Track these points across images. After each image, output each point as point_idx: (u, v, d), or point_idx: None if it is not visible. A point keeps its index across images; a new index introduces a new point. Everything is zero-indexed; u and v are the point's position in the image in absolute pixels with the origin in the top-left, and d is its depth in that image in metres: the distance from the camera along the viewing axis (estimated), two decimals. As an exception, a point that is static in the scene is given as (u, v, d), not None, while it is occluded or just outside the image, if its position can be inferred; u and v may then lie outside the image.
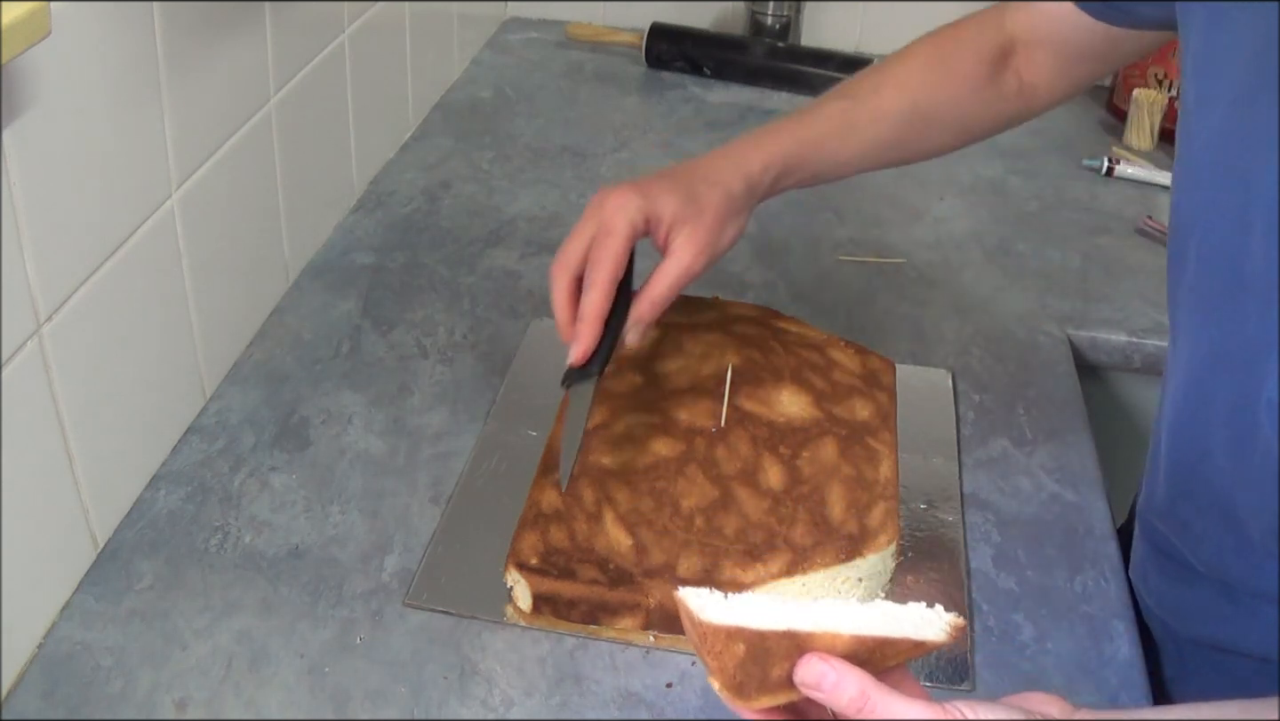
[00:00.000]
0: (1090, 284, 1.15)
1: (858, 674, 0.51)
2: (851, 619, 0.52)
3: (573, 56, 1.59)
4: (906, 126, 0.87)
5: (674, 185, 0.79)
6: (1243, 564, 0.71)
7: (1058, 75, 0.87)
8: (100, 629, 0.75)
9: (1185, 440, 0.73)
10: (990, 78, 0.88)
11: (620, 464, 0.83)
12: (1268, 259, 0.61)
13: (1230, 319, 0.65)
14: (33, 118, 0.67)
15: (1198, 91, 0.67)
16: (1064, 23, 0.84)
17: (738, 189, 0.81)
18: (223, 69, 0.90)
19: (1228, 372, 0.66)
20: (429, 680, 0.73)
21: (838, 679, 0.51)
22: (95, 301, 0.76)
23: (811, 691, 0.51)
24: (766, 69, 1.52)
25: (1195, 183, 0.68)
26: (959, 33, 0.89)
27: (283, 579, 0.79)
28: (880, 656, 0.52)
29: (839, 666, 0.51)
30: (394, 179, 1.26)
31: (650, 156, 1.34)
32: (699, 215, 0.78)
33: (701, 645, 0.52)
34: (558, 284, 0.78)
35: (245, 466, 0.88)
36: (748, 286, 1.12)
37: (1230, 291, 0.65)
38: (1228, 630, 0.75)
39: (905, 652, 0.53)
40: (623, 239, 0.76)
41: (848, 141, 0.86)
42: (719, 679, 0.52)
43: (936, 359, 1.03)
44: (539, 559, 0.76)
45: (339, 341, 1.01)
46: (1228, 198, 0.64)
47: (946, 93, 0.88)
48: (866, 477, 0.83)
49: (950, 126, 0.89)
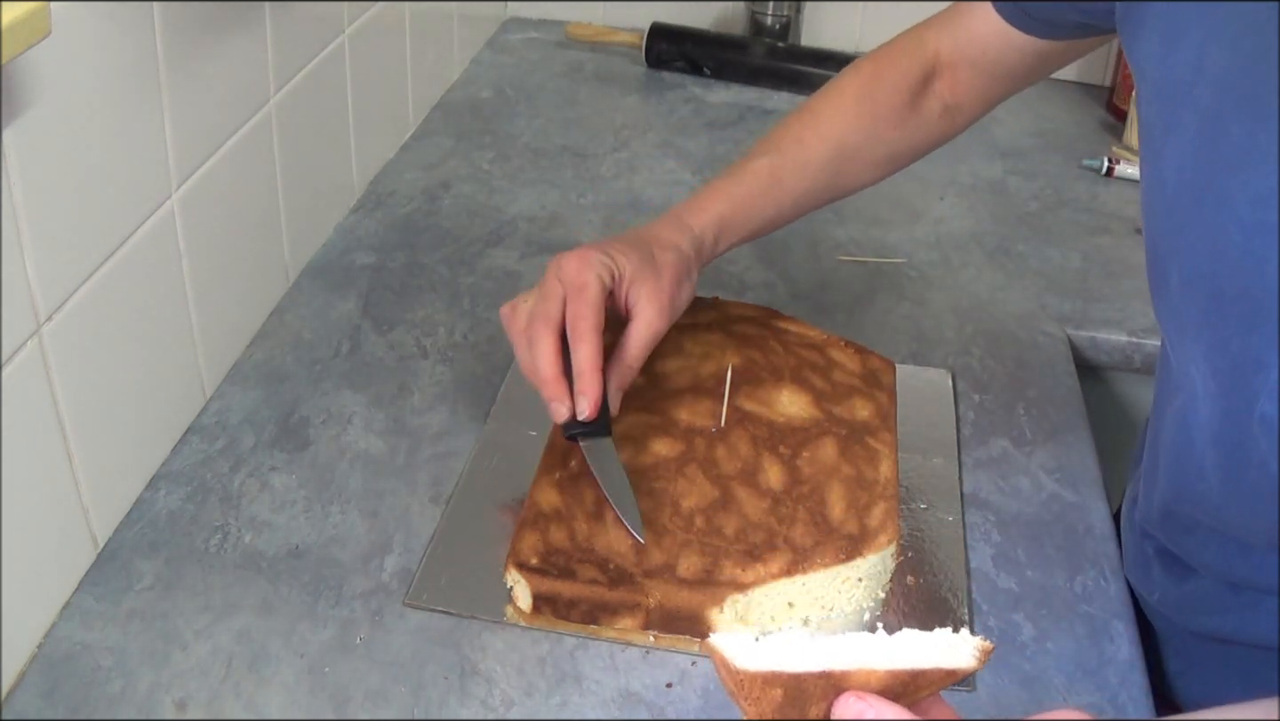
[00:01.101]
0: (1090, 284, 1.15)
1: (894, 709, 0.51)
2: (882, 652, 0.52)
3: (573, 56, 1.59)
4: (832, 171, 0.90)
5: (630, 246, 0.81)
6: (1244, 564, 0.71)
7: (982, 93, 0.89)
8: (100, 629, 0.75)
9: (1182, 457, 0.73)
10: (913, 106, 0.90)
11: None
12: (1247, 279, 0.61)
13: (1214, 336, 0.65)
14: (33, 118, 0.67)
15: (1163, 117, 0.67)
16: (990, 41, 0.85)
17: (687, 249, 0.84)
18: (223, 69, 0.90)
19: (1214, 394, 0.66)
20: (429, 680, 0.73)
21: (876, 716, 0.51)
22: (95, 301, 0.76)
23: None
24: (766, 69, 1.52)
25: (1170, 207, 0.67)
26: (880, 65, 0.91)
27: (283, 579, 0.79)
28: (914, 688, 0.53)
29: (875, 703, 0.51)
30: (394, 179, 1.26)
31: (650, 156, 1.35)
32: (657, 275, 0.81)
33: (738, 691, 0.52)
34: (544, 342, 0.77)
35: (245, 466, 0.88)
36: (748, 286, 1.12)
37: (1213, 313, 0.65)
38: (1232, 622, 0.75)
39: (938, 682, 0.53)
40: (596, 292, 0.77)
41: (777, 197, 0.89)
42: None
43: (936, 359, 1.03)
44: (539, 559, 0.76)
45: (339, 341, 1.01)
46: (1204, 219, 0.64)
47: (870, 130, 0.90)
48: (866, 477, 0.83)
49: (876, 161, 0.92)
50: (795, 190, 0.89)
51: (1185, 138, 0.65)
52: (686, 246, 0.84)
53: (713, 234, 0.86)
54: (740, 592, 0.75)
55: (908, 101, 0.89)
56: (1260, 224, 0.60)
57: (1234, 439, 0.65)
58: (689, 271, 0.84)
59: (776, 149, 0.90)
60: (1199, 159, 0.64)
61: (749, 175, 0.89)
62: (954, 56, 0.88)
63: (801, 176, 0.89)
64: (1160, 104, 0.67)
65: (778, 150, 0.90)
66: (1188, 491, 0.73)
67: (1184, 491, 0.73)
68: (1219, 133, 0.63)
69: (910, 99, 0.89)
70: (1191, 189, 0.65)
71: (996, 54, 0.85)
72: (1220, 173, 0.62)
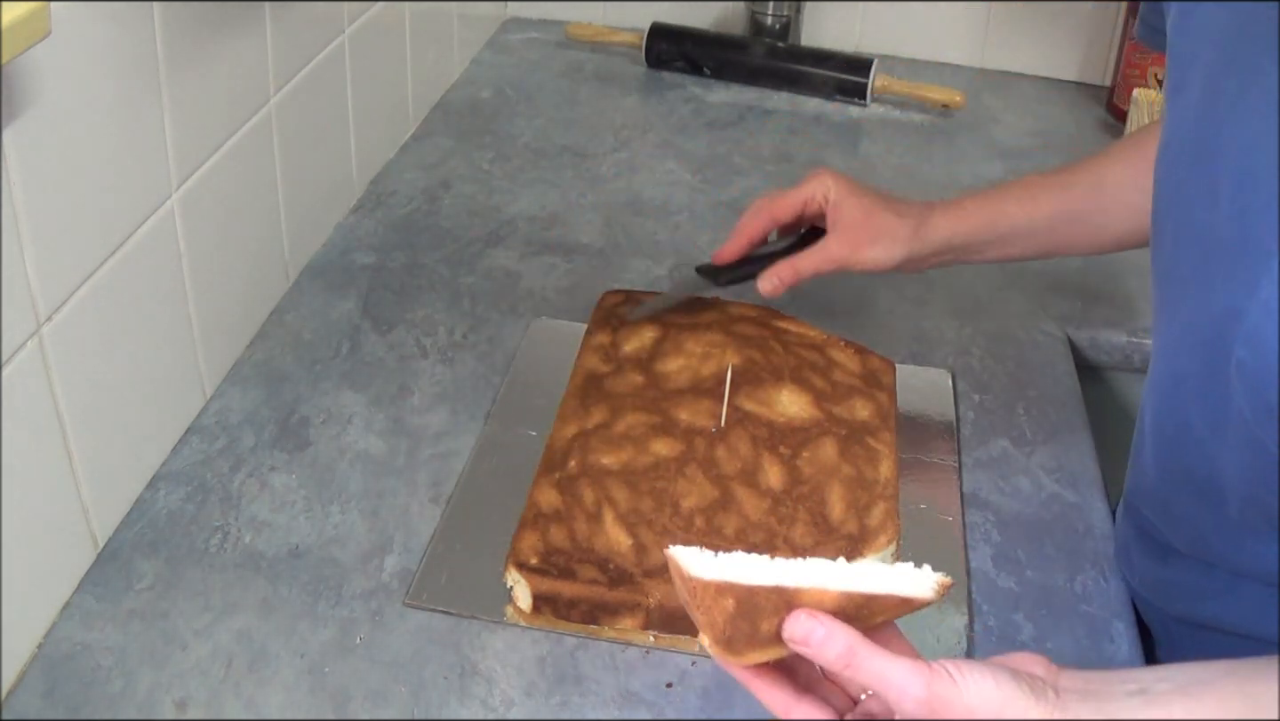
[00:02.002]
0: (1090, 284, 1.15)
1: (845, 630, 0.51)
2: (840, 576, 0.52)
3: (573, 56, 1.59)
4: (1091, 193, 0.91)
5: (865, 190, 0.92)
6: (1221, 541, 0.72)
7: None
8: (100, 629, 0.75)
9: (1167, 416, 0.74)
10: None
11: (620, 464, 0.83)
12: (1232, 227, 0.63)
13: (1200, 291, 0.66)
14: (33, 118, 0.67)
15: (1174, 79, 0.70)
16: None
17: (909, 221, 0.91)
18: (223, 69, 0.90)
19: (1199, 344, 0.67)
20: (429, 680, 0.73)
21: (825, 634, 0.51)
22: (95, 301, 0.76)
23: (799, 646, 0.52)
24: (766, 69, 1.52)
25: (1171, 165, 0.70)
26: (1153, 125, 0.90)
27: (283, 579, 0.79)
28: (868, 613, 0.53)
29: (827, 622, 0.51)
30: (394, 179, 1.26)
31: (650, 156, 1.35)
32: (863, 218, 0.91)
33: (691, 600, 0.53)
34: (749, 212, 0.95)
35: (245, 466, 0.88)
36: (748, 286, 1.11)
37: (1200, 264, 0.66)
38: (1210, 607, 0.76)
39: (893, 609, 0.53)
40: (799, 194, 0.92)
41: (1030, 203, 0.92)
42: (709, 634, 0.53)
43: (936, 359, 1.03)
44: (539, 559, 0.76)
45: (339, 341, 1.01)
46: (1199, 174, 0.66)
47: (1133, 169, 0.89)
48: (866, 477, 0.83)
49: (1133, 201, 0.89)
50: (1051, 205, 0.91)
51: (1191, 98, 0.67)
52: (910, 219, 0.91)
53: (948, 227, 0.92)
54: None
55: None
56: (1248, 170, 0.61)
57: (1217, 389, 0.65)
58: (894, 237, 0.91)
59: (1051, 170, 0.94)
60: (1199, 117, 0.66)
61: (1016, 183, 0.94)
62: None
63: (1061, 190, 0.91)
64: (1174, 70, 0.70)
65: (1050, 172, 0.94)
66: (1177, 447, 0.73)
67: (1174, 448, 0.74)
68: (1216, 90, 0.64)
69: None
70: (1192, 145, 0.67)
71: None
72: (1216, 126, 0.64)
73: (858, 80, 1.47)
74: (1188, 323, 0.69)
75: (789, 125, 1.43)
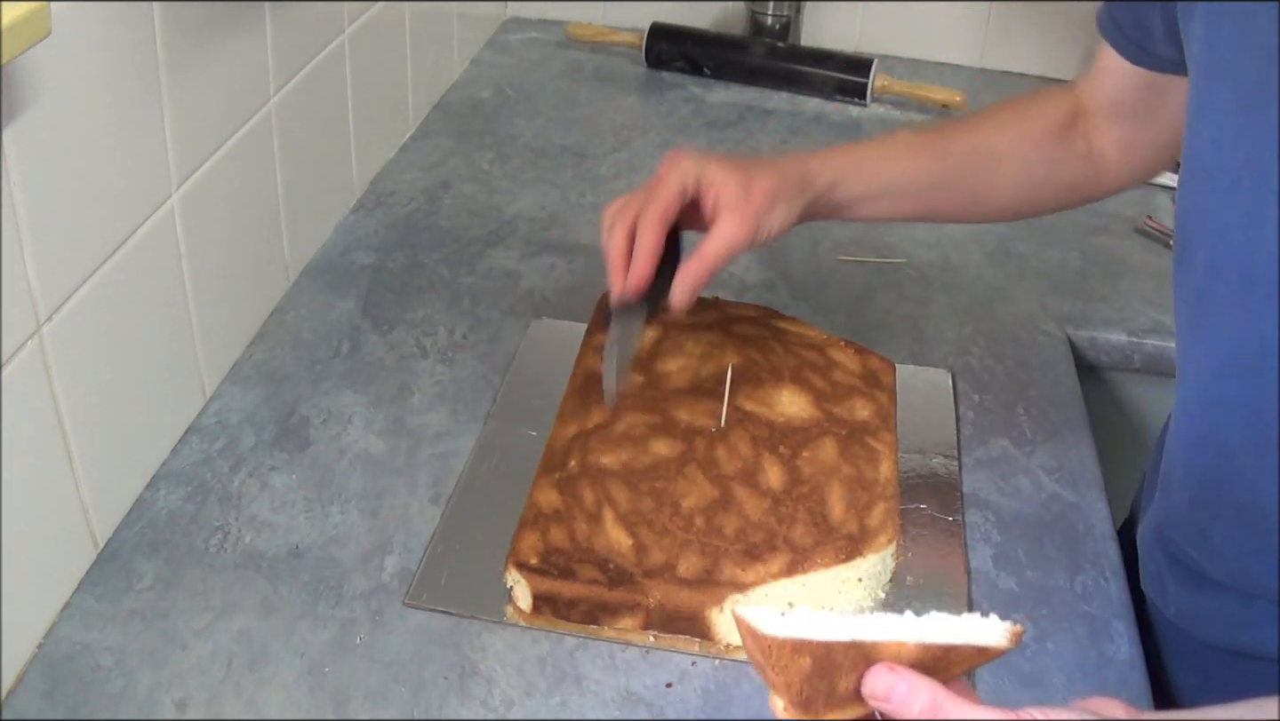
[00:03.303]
0: (1090, 284, 1.15)
1: (928, 683, 0.50)
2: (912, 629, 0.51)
3: (573, 56, 1.59)
4: (970, 169, 0.89)
5: (732, 162, 0.83)
6: (1262, 568, 0.71)
7: (1118, 140, 0.88)
8: (100, 629, 0.75)
9: (1203, 446, 0.73)
10: (1058, 137, 0.89)
11: (620, 464, 0.83)
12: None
13: (1242, 315, 0.65)
14: (33, 118, 0.67)
15: (1203, 95, 0.67)
16: (1112, 77, 0.85)
17: (791, 176, 0.83)
18: (223, 69, 0.90)
19: (1244, 370, 0.66)
20: (429, 680, 0.73)
21: (908, 689, 0.50)
22: (95, 301, 0.76)
23: (879, 703, 0.50)
24: (766, 69, 1.52)
25: (1204, 186, 0.67)
26: (1033, 98, 0.91)
27: (283, 579, 0.79)
28: (945, 665, 0.51)
29: (908, 676, 0.50)
30: (394, 179, 1.26)
31: (650, 156, 1.34)
32: (746, 188, 0.81)
33: (765, 661, 0.51)
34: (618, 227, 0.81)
35: (245, 466, 0.88)
36: (748, 286, 1.12)
37: (1242, 291, 0.65)
38: (1250, 636, 0.74)
39: (969, 660, 0.52)
40: (672, 191, 0.80)
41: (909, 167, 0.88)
42: (785, 695, 0.51)
43: (936, 359, 1.03)
44: (539, 559, 0.76)
45: (339, 341, 1.01)
46: (1240, 197, 0.64)
47: (1015, 141, 0.89)
48: (866, 477, 0.83)
49: (1015, 180, 0.89)
50: (930, 169, 0.88)
51: (1225, 113, 0.65)
52: (791, 174, 0.83)
53: (829, 176, 0.85)
54: (740, 592, 0.75)
55: (1053, 130, 0.88)
56: None
57: (1265, 418, 0.65)
58: (786, 198, 0.83)
59: (922, 130, 0.91)
60: (1240, 136, 0.64)
61: (887, 139, 0.90)
62: (1090, 99, 0.88)
63: (939, 157, 0.89)
64: (1201, 82, 0.67)
65: (922, 131, 0.91)
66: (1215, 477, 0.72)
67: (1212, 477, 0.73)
68: (1260, 111, 0.62)
69: (1056, 129, 0.88)
70: (1230, 167, 0.65)
71: (1114, 89, 0.85)
72: (1262, 151, 0.62)
73: (858, 80, 1.47)
74: (1228, 348, 0.67)
75: (789, 125, 1.43)
